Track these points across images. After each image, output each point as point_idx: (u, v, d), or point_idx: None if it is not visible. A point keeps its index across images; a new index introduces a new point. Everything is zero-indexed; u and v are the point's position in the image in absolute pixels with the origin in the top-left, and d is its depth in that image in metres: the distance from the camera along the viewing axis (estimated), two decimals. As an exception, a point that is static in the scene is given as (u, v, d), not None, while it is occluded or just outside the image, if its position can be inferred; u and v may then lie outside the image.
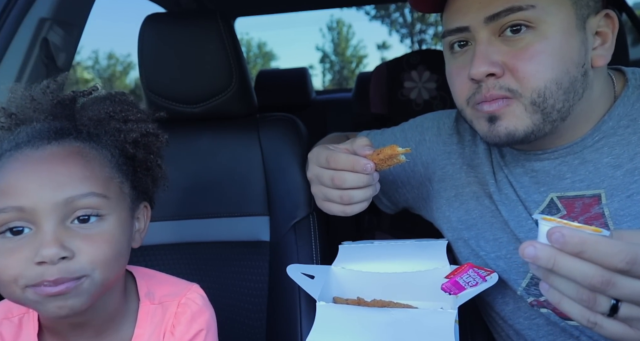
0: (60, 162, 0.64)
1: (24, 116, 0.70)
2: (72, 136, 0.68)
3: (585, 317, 0.52)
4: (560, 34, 0.69)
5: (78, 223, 0.63)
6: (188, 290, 0.79)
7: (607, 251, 0.49)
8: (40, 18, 1.11)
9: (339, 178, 0.74)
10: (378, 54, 27.10)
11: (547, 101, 0.70)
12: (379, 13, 24.56)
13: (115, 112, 0.73)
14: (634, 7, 1.90)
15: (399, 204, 1.04)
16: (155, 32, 1.10)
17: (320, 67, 27.54)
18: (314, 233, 1.05)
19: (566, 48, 0.69)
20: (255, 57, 27.96)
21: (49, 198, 0.61)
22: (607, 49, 0.73)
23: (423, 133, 0.97)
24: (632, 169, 0.72)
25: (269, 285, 1.05)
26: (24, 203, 0.60)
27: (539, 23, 0.69)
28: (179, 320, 0.75)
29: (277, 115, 1.18)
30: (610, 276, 0.49)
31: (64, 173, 0.63)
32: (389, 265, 0.84)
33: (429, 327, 0.69)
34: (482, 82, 0.72)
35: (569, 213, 0.75)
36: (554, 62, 0.69)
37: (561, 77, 0.70)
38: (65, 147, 0.66)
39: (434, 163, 0.94)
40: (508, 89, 0.71)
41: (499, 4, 0.69)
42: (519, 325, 0.82)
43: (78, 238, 0.62)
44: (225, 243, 1.09)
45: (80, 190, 0.63)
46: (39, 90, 0.71)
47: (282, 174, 1.10)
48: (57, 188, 0.62)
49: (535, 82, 0.69)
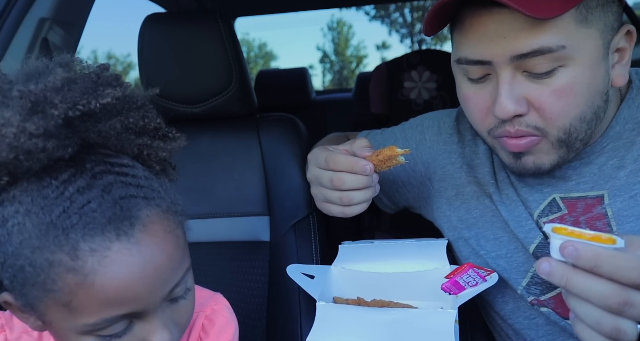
0: (164, 248, 0.53)
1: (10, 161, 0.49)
2: (145, 200, 0.53)
3: None
4: (589, 69, 0.65)
5: (173, 304, 0.58)
6: (214, 300, 0.76)
7: (624, 265, 0.47)
8: (40, 18, 1.11)
9: (338, 179, 0.73)
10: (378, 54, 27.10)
11: (572, 135, 0.68)
12: (379, 13, 24.57)
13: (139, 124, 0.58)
14: (634, 7, 1.90)
15: (399, 203, 1.04)
16: (155, 32, 1.10)
17: (320, 67, 27.55)
18: (314, 233, 1.05)
19: (593, 82, 0.66)
20: (256, 57, 27.97)
21: (159, 297, 0.54)
22: (624, 65, 0.70)
23: (423, 132, 0.97)
24: (636, 169, 0.72)
25: (269, 285, 1.05)
26: (135, 309, 0.52)
27: (568, 61, 0.64)
28: (207, 333, 0.72)
29: (277, 115, 1.18)
30: (629, 295, 0.47)
31: (167, 264, 0.54)
32: (389, 265, 0.84)
33: (429, 327, 0.69)
34: (506, 120, 0.69)
35: (570, 212, 0.75)
36: (581, 98, 0.66)
37: (585, 111, 0.67)
38: (154, 224, 0.53)
39: (435, 162, 0.94)
40: (535, 127, 0.68)
41: (526, 44, 0.63)
42: (519, 324, 0.82)
43: (178, 316, 0.58)
44: (225, 243, 1.09)
45: (179, 274, 0.56)
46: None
47: (282, 174, 1.10)
48: (165, 284, 0.54)
49: (561, 121, 0.67)
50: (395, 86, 1.71)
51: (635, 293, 0.48)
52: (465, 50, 0.69)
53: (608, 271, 0.48)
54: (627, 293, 0.48)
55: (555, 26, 0.62)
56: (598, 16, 0.65)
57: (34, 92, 0.49)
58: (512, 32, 0.63)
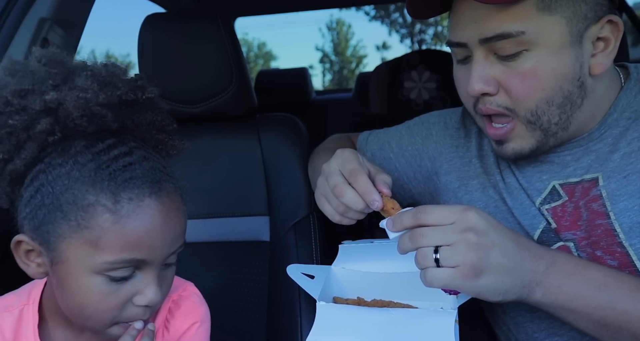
0: (176, 215, 0.65)
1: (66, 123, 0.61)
2: (167, 177, 0.66)
3: (424, 274, 0.65)
4: (552, 55, 0.69)
5: (164, 269, 0.67)
6: (182, 288, 0.80)
7: (409, 216, 0.65)
8: (40, 18, 1.11)
9: (340, 190, 0.73)
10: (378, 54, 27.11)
11: (541, 118, 0.72)
12: (379, 13, 24.57)
13: (158, 121, 0.71)
14: (634, 7, 1.91)
15: (404, 200, 1.04)
16: (155, 32, 1.10)
17: (320, 67, 27.56)
18: (314, 233, 1.05)
19: (558, 67, 0.69)
20: (256, 57, 27.98)
21: (166, 252, 0.64)
22: (608, 54, 0.72)
23: (430, 128, 0.98)
24: (628, 152, 0.74)
25: (269, 285, 1.05)
26: (147, 256, 0.62)
27: (531, 45, 0.68)
28: (173, 315, 0.76)
29: (277, 115, 1.18)
30: (412, 231, 0.65)
31: (177, 229, 0.65)
32: (389, 265, 0.84)
33: (429, 327, 0.69)
34: (479, 97, 0.75)
35: (570, 198, 0.77)
36: (545, 83, 0.70)
37: (552, 96, 0.71)
38: (171, 197, 0.65)
39: (441, 157, 0.94)
40: (505, 107, 0.73)
41: (491, 29, 0.69)
42: (521, 317, 0.83)
43: (165, 282, 0.67)
44: (225, 243, 1.09)
45: (179, 242, 0.67)
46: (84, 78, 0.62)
47: (282, 174, 1.10)
48: (172, 244, 0.65)
49: (526, 103, 0.71)
50: (395, 86, 1.71)
51: (422, 228, 0.64)
52: (450, 34, 0.76)
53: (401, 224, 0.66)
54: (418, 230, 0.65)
55: (516, 12, 0.67)
56: (565, 5, 0.68)
57: (103, 74, 0.63)
58: (481, 17, 0.69)
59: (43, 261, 0.64)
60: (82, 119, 0.60)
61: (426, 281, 0.64)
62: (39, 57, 0.64)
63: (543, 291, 0.66)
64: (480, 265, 0.63)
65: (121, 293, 0.62)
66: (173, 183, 0.66)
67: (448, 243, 0.63)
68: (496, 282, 0.64)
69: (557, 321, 0.78)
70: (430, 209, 0.64)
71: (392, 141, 1.01)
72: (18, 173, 0.62)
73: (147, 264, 0.63)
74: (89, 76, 0.62)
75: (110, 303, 0.62)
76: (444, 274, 0.63)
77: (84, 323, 0.65)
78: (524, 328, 0.83)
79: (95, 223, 0.59)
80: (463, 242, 0.62)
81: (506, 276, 0.64)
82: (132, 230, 0.60)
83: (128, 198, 0.60)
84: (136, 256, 0.61)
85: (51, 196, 0.60)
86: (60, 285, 0.63)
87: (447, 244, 0.63)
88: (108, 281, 0.61)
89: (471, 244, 0.62)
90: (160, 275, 0.65)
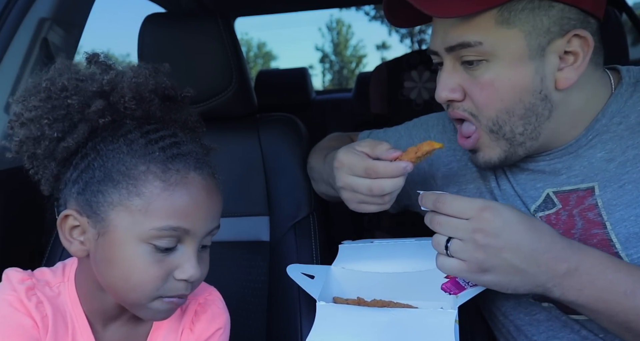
0: (216, 194, 0.69)
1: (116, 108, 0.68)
2: (206, 160, 0.70)
3: (437, 258, 0.68)
4: (510, 67, 0.71)
5: (201, 250, 0.69)
6: (207, 291, 0.81)
7: (431, 201, 0.68)
8: (40, 18, 1.11)
9: (378, 187, 0.74)
10: (378, 54, 27.10)
11: (503, 128, 0.74)
12: (379, 13, 24.57)
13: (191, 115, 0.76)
14: (634, 7, 1.90)
15: (401, 202, 1.04)
16: (155, 32, 1.10)
17: (320, 67, 27.56)
18: (314, 233, 1.05)
19: (516, 79, 0.71)
20: (255, 57, 27.97)
21: (208, 226, 0.67)
22: (575, 69, 0.72)
23: (428, 131, 0.98)
24: (624, 161, 0.74)
25: (269, 285, 1.05)
26: (191, 227, 0.65)
27: (490, 56, 0.71)
28: (199, 318, 0.77)
29: (277, 115, 1.18)
30: (433, 216, 0.68)
31: (216, 206, 0.70)
32: (389, 265, 0.84)
33: (429, 327, 0.69)
34: (448, 103, 0.78)
35: (564, 206, 0.77)
36: (503, 93, 0.72)
37: (512, 107, 0.72)
38: (211, 176, 0.70)
39: (439, 160, 0.94)
40: (470, 113, 0.76)
41: (453, 38, 0.72)
42: (520, 320, 0.83)
43: (202, 263, 0.69)
44: (225, 243, 1.09)
45: (217, 222, 0.70)
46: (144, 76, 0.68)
47: (282, 174, 1.10)
48: (213, 219, 0.68)
49: (487, 111, 0.74)
50: (395, 86, 1.71)
51: (438, 215, 0.67)
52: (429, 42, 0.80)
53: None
54: (433, 215, 0.68)
55: (476, 24, 0.70)
56: (524, 19, 0.69)
57: (149, 68, 0.69)
58: (446, 27, 0.73)
59: (87, 238, 0.66)
60: (132, 102, 0.66)
61: (437, 265, 0.69)
62: (89, 57, 0.70)
63: (561, 292, 0.65)
64: (486, 265, 0.64)
65: (164, 265, 0.64)
66: (211, 167, 0.70)
67: (459, 237, 0.65)
68: (503, 280, 0.66)
69: (558, 323, 0.78)
70: (450, 200, 0.66)
71: (391, 141, 1.01)
72: (70, 151, 0.66)
73: (189, 237, 0.65)
74: (140, 67, 0.69)
75: (154, 273, 0.64)
76: (452, 264, 0.66)
77: (127, 296, 0.66)
78: (523, 331, 0.83)
79: (145, 189, 0.63)
80: (472, 241, 0.64)
81: (516, 276, 0.65)
82: (179, 198, 0.64)
83: (176, 169, 0.65)
84: (182, 224, 0.64)
85: (102, 169, 0.64)
86: (105, 258, 0.65)
87: (459, 238, 0.65)
88: (153, 251, 0.64)
89: (479, 245, 0.64)
90: (198, 255, 0.67)
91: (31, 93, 0.67)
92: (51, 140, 0.65)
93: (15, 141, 0.67)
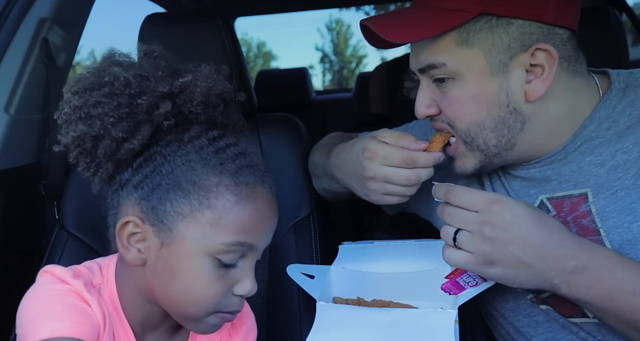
0: (276, 207, 0.68)
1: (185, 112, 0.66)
2: (266, 172, 0.68)
3: (444, 250, 0.70)
4: (474, 83, 0.74)
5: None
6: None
7: (442, 193, 0.70)
8: (40, 18, 1.11)
9: (416, 176, 0.79)
10: (378, 54, 27.06)
11: (476, 140, 0.77)
12: (379, 13, 24.54)
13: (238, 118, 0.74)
14: (634, 7, 1.90)
15: (400, 203, 1.04)
16: (155, 32, 1.10)
17: (320, 67, 27.53)
18: (314, 233, 1.05)
19: (481, 95, 0.74)
20: (255, 57, 27.96)
21: (268, 241, 0.67)
22: (542, 81, 0.72)
23: (427, 133, 0.98)
24: (614, 166, 0.74)
25: (269, 285, 1.05)
26: (256, 242, 0.64)
27: (455, 75, 0.74)
28: (236, 331, 0.77)
29: (277, 115, 1.18)
30: (444, 207, 0.69)
31: (277, 220, 0.69)
32: (389, 265, 0.84)
33: (429, 327, 0.69)
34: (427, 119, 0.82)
35: (558, 213, 0.77)
36: (470, 108, 0.75)
37: (482, 120, 0.75)
38: (272, 189, 0.68)
39: (437, 163, 0.94)
40: (448, 124, 0.79)
41: (422, 60, 0.77)
42: (519, 322, 0.83)
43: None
44: (225, 243, 1.09)
45: (272, 235, 0.69)
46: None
47: (282, 174, 1.10)
48: (272, 233, 0.68)
49: (459, 125, 0.77)
50: (395, 86, 1.71)
51: (448, 206, 0.69)
52: None
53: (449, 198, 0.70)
54: (444, 206, 0.70)
55: (439, 47, 0.74)
56: (482, 38, 0.72)
57: (212, 71, 0.67)
58: (417, 50, 0.78)
59: (146, 247, 0.63)
60: (200, 106, 0.64)
61: (444, 257, 0.70)
62: (147, 51, 0.69)
63: (568, 290, 0.66)
64: (492, 258, 0.65)
65: (226, 280, 0.63)
66: (272, 179, 0.69)
67: (467, 229, 0.66)
68: (510, 274, 0.66)
69: (556, 325, 0.78)
70: (461, 192, 0.68)
71: None
72: (133, 153, 0.63)
73: (251, 252, 0.64)
74: (209, 69, 0.67)
75: (218, 288, 0.62)
76: (458, 256, 0.68)
77: (186, 310, 0.64)
78: (522, 333, 0.83)
79: (217, 202, 0.61)
80: (479, 233, 0.65)
81: (522, 270, 0.65)
82: (249, 213, 0.63)
83: (246, 183, 0.63)
84: (249, 240, 0.63)
85: (171, 176, 0.62)
86: (168, 269, 0.62)
87: (467, 230, 0.66)
88: (217, 266, 0.62)
89: (486, 238, 0.65)
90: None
91: (90, 86, 0.63)
92: (114, 139, 0.61)
93: (71, 136, 0.62)
